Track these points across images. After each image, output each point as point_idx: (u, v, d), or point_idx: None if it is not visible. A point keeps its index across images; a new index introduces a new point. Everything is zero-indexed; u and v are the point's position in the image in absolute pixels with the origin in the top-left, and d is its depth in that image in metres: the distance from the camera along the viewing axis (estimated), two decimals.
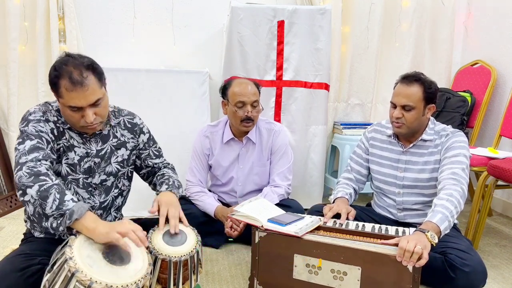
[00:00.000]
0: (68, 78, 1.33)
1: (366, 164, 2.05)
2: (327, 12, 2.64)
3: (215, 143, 2.25)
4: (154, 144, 1.73)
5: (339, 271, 1.49)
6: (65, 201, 1.24)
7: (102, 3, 2.85)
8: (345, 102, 3.15)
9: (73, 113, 1.38)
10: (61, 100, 1.37)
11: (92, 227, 1.23)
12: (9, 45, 2.68)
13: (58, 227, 1.24)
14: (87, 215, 1.25)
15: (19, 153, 1.33)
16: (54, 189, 1.25)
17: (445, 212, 1.54)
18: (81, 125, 1.42)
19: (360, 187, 2.08)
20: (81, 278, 1.11)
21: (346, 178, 2.07)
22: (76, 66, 1.35)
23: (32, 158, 1.31)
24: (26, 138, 1.36)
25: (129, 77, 2.57)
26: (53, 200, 1.23)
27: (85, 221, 1.24)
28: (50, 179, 1.27)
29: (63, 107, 1.39)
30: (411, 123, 1.80)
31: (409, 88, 1.78)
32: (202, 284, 1.77)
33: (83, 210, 1.25)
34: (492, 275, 1.90)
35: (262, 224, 1.60)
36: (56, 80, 1.35)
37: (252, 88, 2.11)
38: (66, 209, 1.23)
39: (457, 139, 1.80)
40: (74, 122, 1.42)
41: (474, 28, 3.18)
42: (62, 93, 1.35)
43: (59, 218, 1.23)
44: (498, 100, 2.88)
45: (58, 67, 1.35)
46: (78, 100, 1.35)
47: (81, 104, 1.35)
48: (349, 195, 1.97)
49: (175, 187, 1.60)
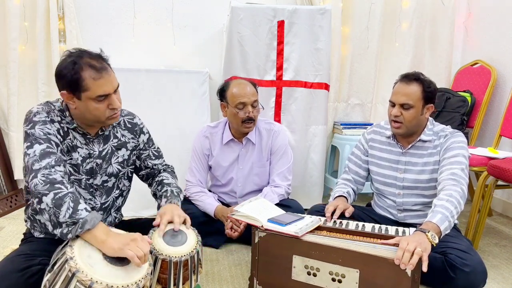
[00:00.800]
0: (91, 67, 1.35)
1: (365, 166, 2.05)
2: (327, 12, 2.64)
3: (214, 144, 2.25)
4: (153, 144, 1.72)
5: (337, 273, 1.48)
6: (79, 210, 1.24)
7: (102, 3, 2.85)
8: (345, 102, 3.15)
9: (99, 104, 1.38)
10: (86, 94, 1.36)
11: (102, 239, 1.23)
12: (9, 45, 2.68)
13: (67, 234, 1.23)
14: (99, 226, 1.25)
15: (30, 158, 1.31)
16: (69, 197, 1.25)
17: (445, 213, 1.54)
18: (107, 116, 1.42)
19: (359, 188, 2.08)
20: (81, 278, 1.11)
21: (345, 179, 2.07)
22: (91, 57, 1.37)
23: (46, 164, 1.30)
24: (34, 142, 1.34)
25: (129, 77, 2.57)
26: (67, 208, 1.23)
27: (97, 232, 1.24)
28: (65, 187, 1.27)
29: (87, 102, 1.37)
30: (410, 122, 1.80)
31: (408, 87, 1.79)
32: (202, 284, 1.77)
33: (96, 220, 1.25)
34: (492, 275, 1.90)
35: (262, 224, 1.60)
36: (78, 76, 1.33)
37: (250, 88, 2.12)
38: (79, 218, 1.22)
39: (456, 140, 1.80)
40: (99, 115, 1.41)
41: (474, 28, 3.18)
42: (89, 85, 1.34)
43: (71, 225, 1.23)
44: (498, 100, 2.88)
45: (75, 61, 1.34)
46: (107, 86, 1.37)
47: (109, 90, 1.38)
48: (347, 193, 1.98)
49: (174, 196, 1.59)
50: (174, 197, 1.58)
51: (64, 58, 1.38)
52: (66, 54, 1.39)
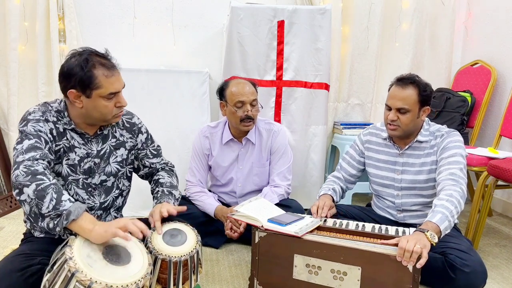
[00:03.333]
0: (103, 66, 1.39)
1: (358, 166, 2.04)
2: (327, 12, 2.64)
3: (214, 143, 2.25)
4: (152, 143, 1.72)
5: (339, 271, 1.49)
6: (62, 201, 1.23)
7: (102, 3, 2.85)
8: (345, 102, 3.15)
9: (108, 102, 1.41)
10: (98, 91, 1.38)
11: (89, 228, 1.22)
12: (9, 45, 2.68)
13: (55, 228, 1.23)
14: (84, 216, 1.25)
15: (17, 152, 1.32)
16: (52, 188, 1.24)
17: (445, 212, 1.54)
18: (114, 114, 1.46)
19: (349, 186, 2.08)
20: (81, 278, 1.11)
21: (334, 176, 2.07)
22: (100, 56, 1.41)
23: (30, 157, 1.30)
24: (24, 138, 1.35)
25: (129, 77, 2.53)
26: (50, 199, 1.22)
27: (82, 222, 1.23)
28: (47, 179, 1.26)
29: (97, 100, 1.40)
30: (406, 125, 1.79)
31: (404, 91, 1.77)
32: (202, 284, 1.77)
33: (80, 210, 1.24)
34: (492, 275, 1.90)
35: (262, 224, 1.60)
36: (90, 73, 1.36)
37: (249, 87, 2.12)
38: (63, 209, 1.22)
39: (452, 139, 1.79)
40: (107, 112, 1.43)
41: (474, 28, 3.18)
42: (101, 82, 1.38)
43: (56, 218, 1.23)
44: (498, 100, 2.88)
45: (87, 60, 1.37)
46: (118, 83, 1.43)
47: (120, 87, 1.43)
48: (332, 190, 1.96)
49: (164, 195, 1.58)
50: (165, 196, 1.58)
51: (71, 57, 1.39)
52: (74, 53, 1.41)
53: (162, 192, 1.60)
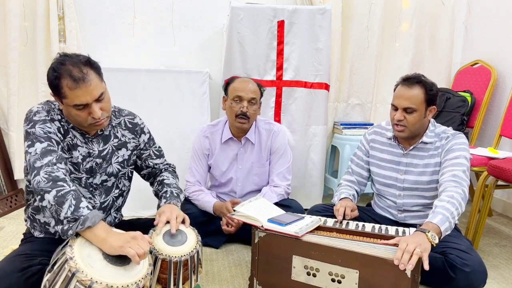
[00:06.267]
0: (69, 76, 1.33)
1: (367, 167, 2.04)
2: (327, 12, 2.64)
3: (214, 143, 2.25)
4: (154, 144, 1.73)
5: (337, 273, 1.48)
6: (81, 207, 1.24)
7: (102, 3, 2.85)
8: (345, 102, 3.15)
9: (79, 111, 1.38)
10: (65, 101, 1.36)
11: (103, 237, 1.23)
12: (9, 45, 2.68)
13: (67, 230, 1.23)
14: (99, 225, 1.25)
15: (31, 156, 1.32)
16: (71, 195, 1.25)
17: (445, 213, 1.54)
18: (89, 123, 1.41)
19: (362, 189, 2.08)
20: (81, 278, 1.11)
21: (348, 180, 2.07)
22: (74, 64, 1.35)
23: (48, 162, 1.30)
24: (35, 141, 1.35)
25: (129, 77, 2.57)
26: (69, 206, 1.23)
27: (97, 230, 1.24)
28: (67, 185, 1.27)
29: (68, 108, 1.38)
30: (413, 125, 1.79)
31: (411, 91, 1.77)
32: (202, 284, 1.77)
33: (97, 218, 1.25)
34: (492, 275, 1.90)
35: (262, 224, 1.60)
36: (57, 82, 1.34)
37: (252, 86, 2.12)
38: (80, 215, 1.23)
39: (457, 141, 1.79)
40: (81, 121, 1.41)
41: (474, 28, 3.18)
42: (66, 93, 1.34)
43: (72, 222, 1.23)
44: (498, 100, 2.88)
45: (56, 67, 1.35)
46: (84, 96, 1.35)
47: (87, 100, 1.35)
48: (352, 196, 1.97)
49: (174, 197, 1.59)
50: (174, 198, 1.58)
51: (53, 61, 1.38)
52: (57, 56, 1.39)
53: (171, 193, 1.60)
